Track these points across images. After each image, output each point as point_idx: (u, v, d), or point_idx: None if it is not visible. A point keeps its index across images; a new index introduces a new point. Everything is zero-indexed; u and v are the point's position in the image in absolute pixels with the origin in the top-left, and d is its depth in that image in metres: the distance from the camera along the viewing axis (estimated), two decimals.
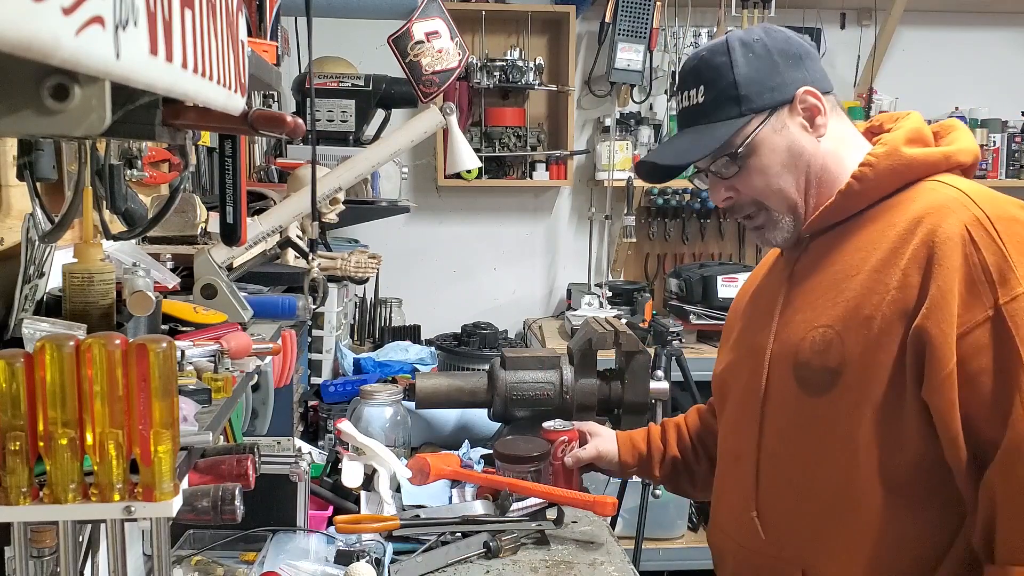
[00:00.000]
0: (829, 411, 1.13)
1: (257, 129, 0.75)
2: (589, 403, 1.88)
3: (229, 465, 1.16)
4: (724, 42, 1.21)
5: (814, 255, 1.22)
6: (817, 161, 1.20)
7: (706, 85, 1.21)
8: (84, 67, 0.39)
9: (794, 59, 1.20)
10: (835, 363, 1.12)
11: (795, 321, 1.20)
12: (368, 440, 1.70)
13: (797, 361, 1.17)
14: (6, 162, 1.06)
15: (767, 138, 1.18)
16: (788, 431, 1.20)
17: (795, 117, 1.19)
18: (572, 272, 3.77)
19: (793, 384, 1.17)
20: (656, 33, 3.39)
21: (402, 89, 2.46)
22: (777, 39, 1.20)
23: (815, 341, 1.15)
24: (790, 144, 1.19)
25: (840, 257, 1.18)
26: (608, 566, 1.44)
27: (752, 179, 1.21)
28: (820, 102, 1.19)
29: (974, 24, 3.77)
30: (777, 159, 1.19)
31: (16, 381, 0.69)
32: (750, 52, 1.18)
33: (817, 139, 1.20)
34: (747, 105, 1.18)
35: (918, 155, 1.16)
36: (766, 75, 1.18)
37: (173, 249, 1.48)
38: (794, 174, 1.20)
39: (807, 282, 1.22)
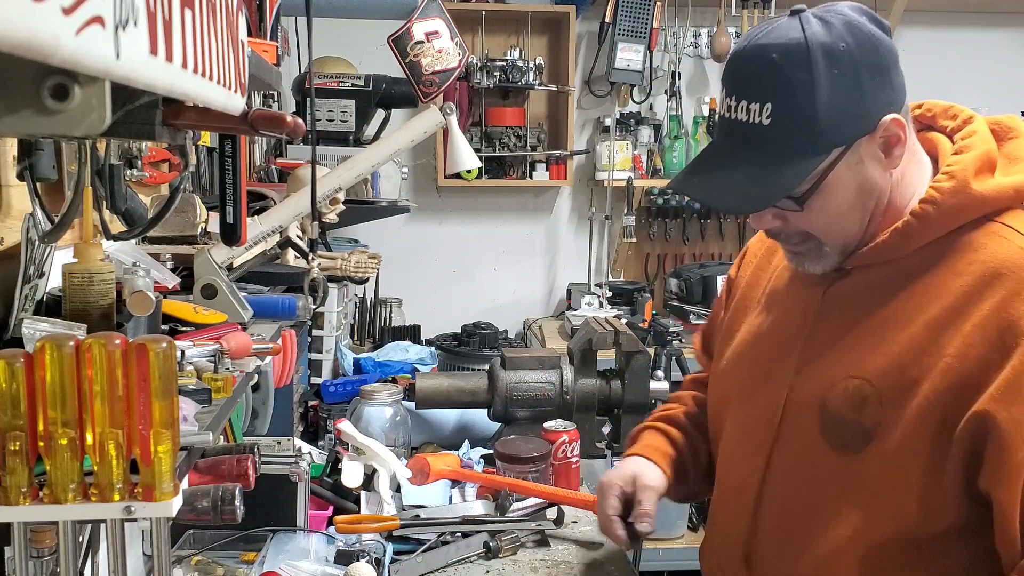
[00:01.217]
0: (856, 471, 1.00)
1: (257, 129, 0.75)
2: (589, 403, 1.89)
3: (229, 465, 1.16)
4: (804, 47, 0.94)
5: (856, 286, 1.06)
6: (885, 196, 1.03)
7: (776, 105, 0.96)
8: (84, 67, 0.39)
9: (882, 74, 0.97)
10: (870, 423, 0.98)
11: (827, 360, 1.05)
12: (368, 440, 1.70)
13: (825, 410, 1.03)
14: (6, 162, 1.06)
15: (839, 177, 0.99)
16: (800, 480, 1.06)
17: (872, 147, 0.99)
18: (572, 272, 3.77)
19: (816, 432, 1.04)
20: (656, 33, 3.39)
21: (402, 89, 2.46)
22: (865, 46, 0.96)
23: (849, 392, 1.00)
24: (862, 182, 1.00)
25: (888, 299, 1.02)
26: (608, 566, 1.45)
27: (812, 217, 1.02)
28: (903, 130, 0.98)
29: (974, 24, 3.77)
30: (845, 199, 1.01)
31: (16, 381, 0.69)
32: (835, 69, 0.94)
33: (890, 172, 1.01)
34: (826, 141, 0.97)
35: (990, 193, 0.99)
36: (853, 102, 0.96)
37: (173, 249, 1.48)
38: (860, 212, 1.02)
39: (845, 317, 1.06)
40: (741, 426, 1.16)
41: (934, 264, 1.00)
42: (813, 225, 1.03)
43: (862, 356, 1.01)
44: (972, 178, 0.99)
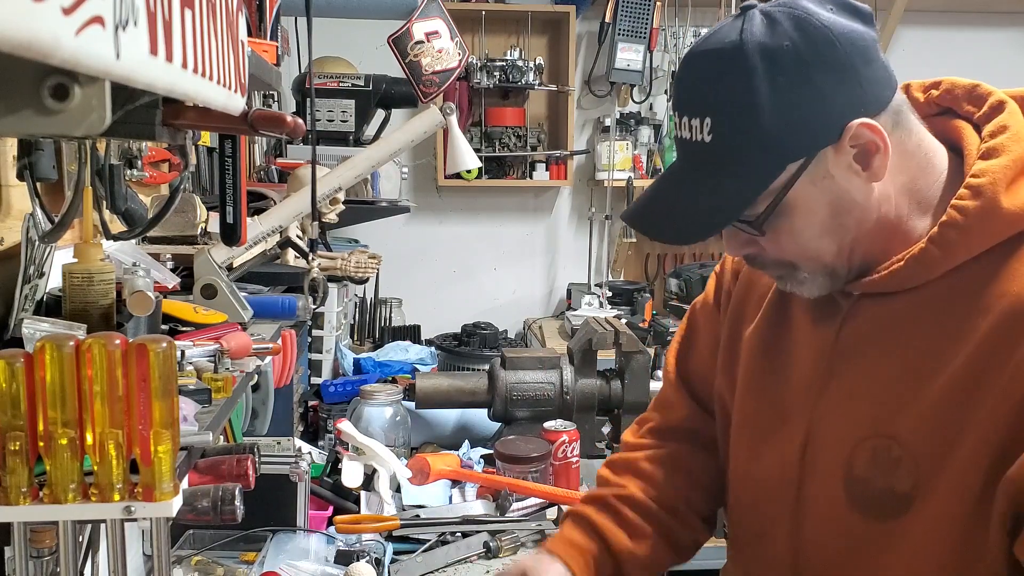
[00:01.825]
0: (893, 538, 0.88)
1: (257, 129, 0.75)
2: (589, 403, 1.89)
3: (229, 465, 1.16)
4: (740, 51, 0.82)
5: (873, 323, 0.92)
6: (871, 213, 0.88)
7: (714, 119, 0.85)
8: (84, 67, 0.39)
9: (843, 72, 0.82)
10: (906, 487, 0.86)
11: (845, 414, 0.92)
12: (368, 440, 1.70)
13: (851, 476, 0.90)
14: (6, 162, 1.06)
15: (802, 196, 0.86)
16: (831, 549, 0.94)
17: (842, 159, 0.85)
18: (572, 272, 3.77)
19: (842, 499, 0.91)
20: (656, 33, 3.39)
21: (402, 89, 2.46)
22: (817, 43, 0.81)
23: (878, 455, 0.88)
24: (835, 199, 0.86)
25: (911, 338, 0.88)
26: None
27: (780, 242, 0.90)
28: (880, 137, 0.83)
29: (974, 24, 3.77)
30: (815, 220, 0.87)
31: (16, 381, 0.69)
32: (778, 73, 0.81)
33: (872, 184, 0.86)
34: (774, 156, 0.84)
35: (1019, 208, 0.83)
36: (803, 108, 0.82)
37: (173, 249, 1.48)
38: (837, 235, 0.88)
39: (864, 360, 0.91)
40: (758, 483, 1.03)
41: (959, 296, 0.85)
42: (784, 251, 0.90)
43: (888, 410, 0.88)
44: (1003, 192, 0.83)
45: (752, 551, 1.05)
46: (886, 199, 0.88)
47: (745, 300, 1.09)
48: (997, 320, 0.82)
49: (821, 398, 0.94)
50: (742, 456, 1.05)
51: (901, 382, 0.87)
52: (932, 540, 0.85)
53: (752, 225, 0.88)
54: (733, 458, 1.07)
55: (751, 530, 1.05)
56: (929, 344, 0.86)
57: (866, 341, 0.92)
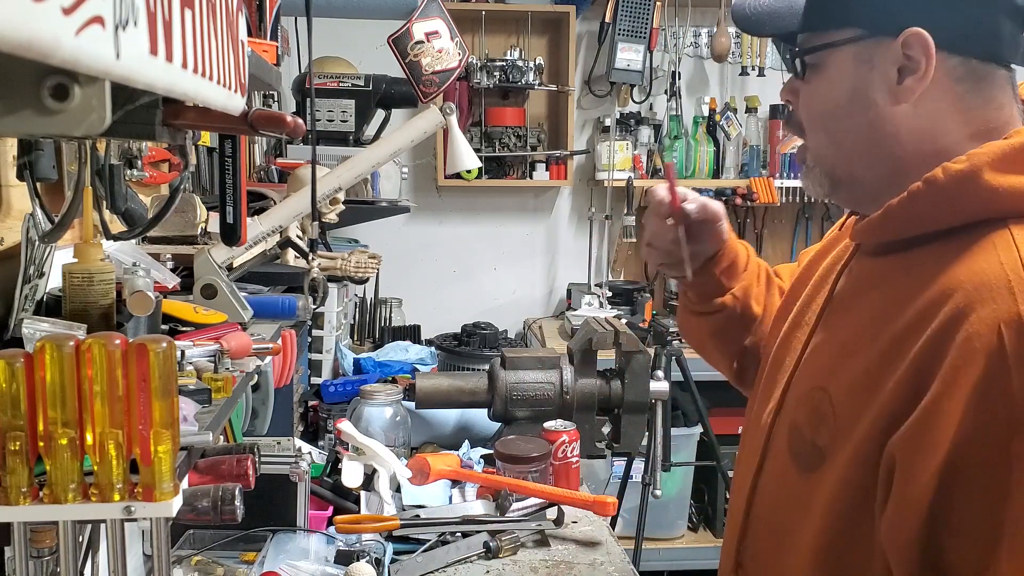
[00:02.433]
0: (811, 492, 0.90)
1: (257, 129, 0.75)
2: (589, 403, 1.89)
3: (229, 465, 1.16)
4: None
5: (856, 281, 0.96)
6: (883, 125, 0.87)
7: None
8: (84, 67, 0.39)
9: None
10: (822, 442, 0.89)
11: (810, 367, 0.97)
12: (368, 440, 1.70)
13: (793, 425, 0.95)
14: (6, 162, 1.06)
15: (841, 62, 0.88)
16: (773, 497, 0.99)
17: (888, 60, 0.85)
18: (572, 272, 3.77)
19: (785, 448, 0.96)
20: (656, 33, 3.39)
21: (402, 89, 2.46)
22: None
23: (813, 408, 0.91)
24: (860, 86, 0.88)
25: (871, 303, 0.90)
26: (608, 566, 1.44)
27: (809, 99, 0.93)
28: (928, 59, 0.83)
29: None
30: (836, 93, 0.90)
31: (16, 381, 0.69)
32: None
33: (896, 103, 0.86)
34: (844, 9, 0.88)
35: (1006, 188, 0.80)
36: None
37: (173, 249, 1.48)
38: (848, 122, 0.90)
39: (839, 318, 0.96)
40: (747, 423, 1.10)
41: (916, 269, 0.85)
42: (806, 110, 0.94)
43: (832, 367, 0.91)
44: (991, 168, 0.81)
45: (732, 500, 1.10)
46: (904, 127, 0.87)
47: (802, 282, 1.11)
48: (928, 298, 0.81)
49: (803, 354, 0.98)
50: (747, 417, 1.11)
51: (849, 344, 0.90)
52: (834, 499, 0.86)
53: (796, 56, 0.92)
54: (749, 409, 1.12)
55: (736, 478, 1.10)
56: (882, 311, 0.87)
57: (848, 299, 0.95)
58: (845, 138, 0.91)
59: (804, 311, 1.04)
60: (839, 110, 0.90)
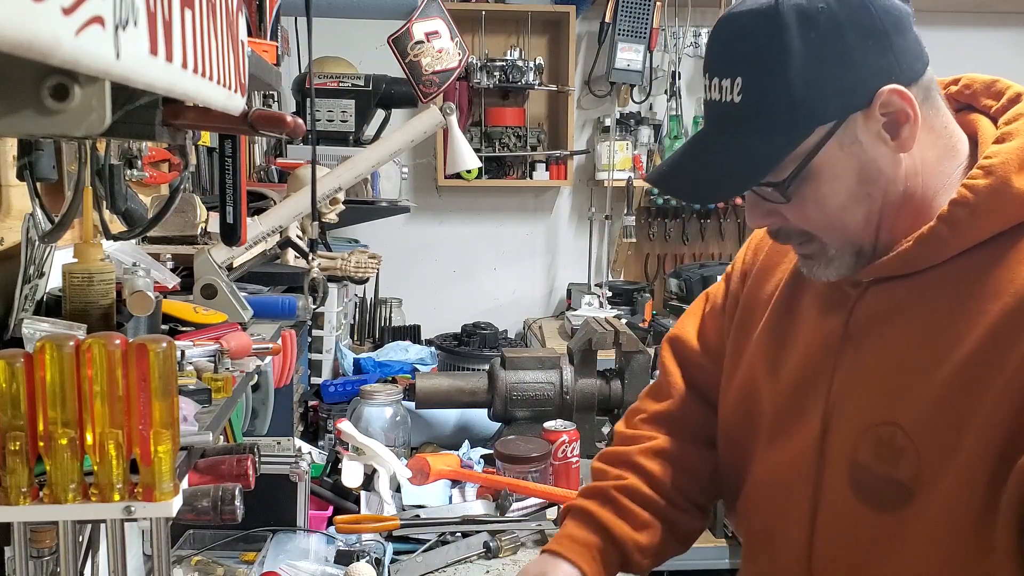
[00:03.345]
0: (894, 533, 0.86)
1: (257, 129, 0.75)
2: (589, 403, 1.89)
3: (229, 465, 1.16)
4: (775, 10, 0.82)
5: (882, 305, 0.90)
6: (898, 184, 0.86)
7: (746, 79, 0.84)
8: (84, 67, 0.39)
9: (877, 37, 0.82)
10: (906, 477, 0.84)
11: (854, 403, 0.90)
12: (368, 440, 1.70)
13: (855, 464, 0.88)
14: (6, 162, 1.06)
15: (830, 161, 0.85)
16: (844, 542, 0.92)
17: (872, 126, 0.84)
18: (572, 272, 3.77)
19: (846, 487, 0.90)
20: (656, 33, 3.39)
21: (402, 89, 2.46)
22: (852, 5, 0.81)
23: (881, 443, 0.86)
24: (862, 166, 0.85)
25: (919, 324, 0.86)
26: None
27: (806, 210, 0.88)
28: (911, 106, 0.83)
29: (974, 24, 3.77)
30: (842, 187, 0.86)
31: (16, 381, 0.69)
32: (812, 32, 0.80)
33: (900, 155, 0.85)
34: (805, 117, 0.83)
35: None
36: (835, 70, 0.81)
37: (173, 249, 1.48)
38: (864, 205, 0.87)
39: (872, 345, 0.90)
40: (775, 472, 1.00)
41: (969, 281, 0.83)
42: (809, 220, 0.89)
43: (892, 396, 0.86)
44: (1015, 173, 0.81)
45: (766, 550, 1.04)
46: (913, 173, 0.87)
47: (753, 305, 1.08)
48: (1006, 306, 0.79)
49: (833, 387, 0.93)
50: (757, 454, 1.04)
51: (906, 368, 0.86)
52: (939, 533, 0.82)
53: (777, 188, 0.87)
54: (746, 457, 1.06)
55: (765, 528, 1.03)
56: (935, 330, 0.84)
57: (875, 327, 0.90)
58: (870, 213, 0.88)
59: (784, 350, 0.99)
60: (853, 197, 0.87)
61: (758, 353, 1.04)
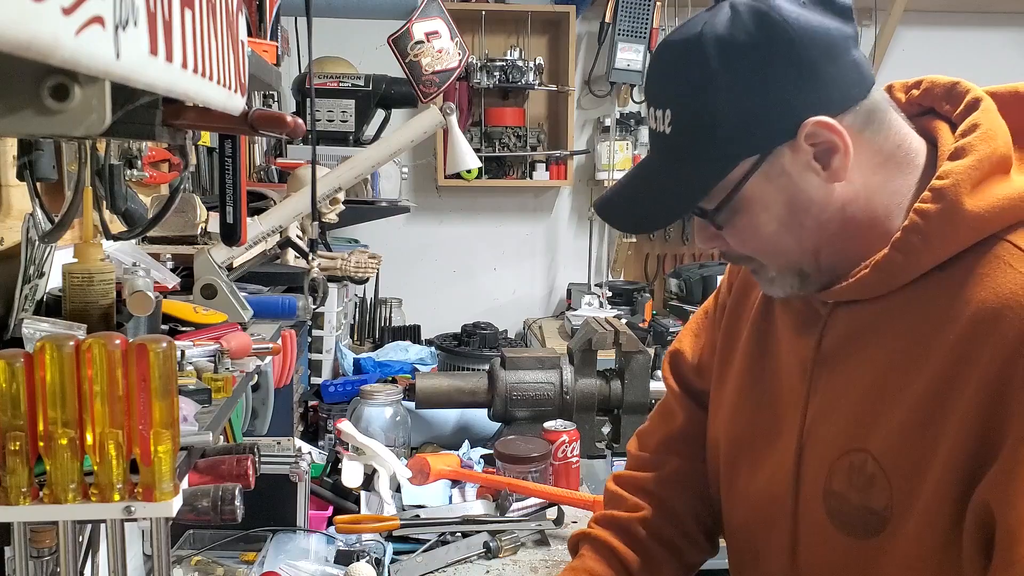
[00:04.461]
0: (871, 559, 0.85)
1: (257, 129, 0.75)
2: (589, 403, 1.89)
3: (229, 465, 1.16)
4: (698, 41, 0.82)
5: (849, 330, 0.89)
6: (833, 214, 0.85)
7: (673, 110, 0.85)
8: (84, 67, 0.39)
9: (803, 68, 0.80)
10: (880, 505, 0.83)
11: (828, 430, 0.90)
12: (368, 440, 1.70)
13: (829, 491, 0.88)
14: (6, 162, 1.06)
15: (758, 192, 0.84)
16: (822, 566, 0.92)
17: (800, 157, 0.83)
18: (572, 272, 3.77)
19: (822, 514, 0.89)
20: (656, 33, 3.39)
21: (402, 89, 2.46)
22: (777, 36, 0.80)
23: (853, 470, 0.86)
24: (791, 197, 0.84)
25: (885, 348, 0.85)
26: None
27: (741, 237, 0.89)
28: (839, 136, 0.81)
29: (974, 24, 3.77)
30: (772, 217, 0.86)
31: (16, 381, 0.69)
32: (734, 63, 0.80)
33: (833, 184, 0.84)
34: (729, 148, 0.83)
35: (989, 210, 0.79)
36: (757, 102, 0.81)
37: (173, 249, 1.48)
38: (797, 234, 0.86)
39: (843, 369, 0.89)
40: (756, 497, 1.00)
41: (929, 305, 0.82)
42: (746, 246, 0.90)
43: (862, 423, 0.86)
44: (967, 194, 0.79)
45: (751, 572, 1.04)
46: (853, 199, 0.85)
47: (738, 314, 1.07)
48: (963, 330, 0.78)
49: (808, 412, 0.93)
50: (737, 475, 1.04)
51: (876, 394, 0.85)
52: (912, 560, 0.82)
53: (707, 218, 0.88)
54: (727, 478, 1.06)
55: (749, 550, 1.03)
56: (900, 355, 0.83)
57: (844, 351, 0.90)
58: (804, 241, 0.87)
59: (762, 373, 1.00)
60: (785, 227, 0.86)
61: (741, 369, 1.04)
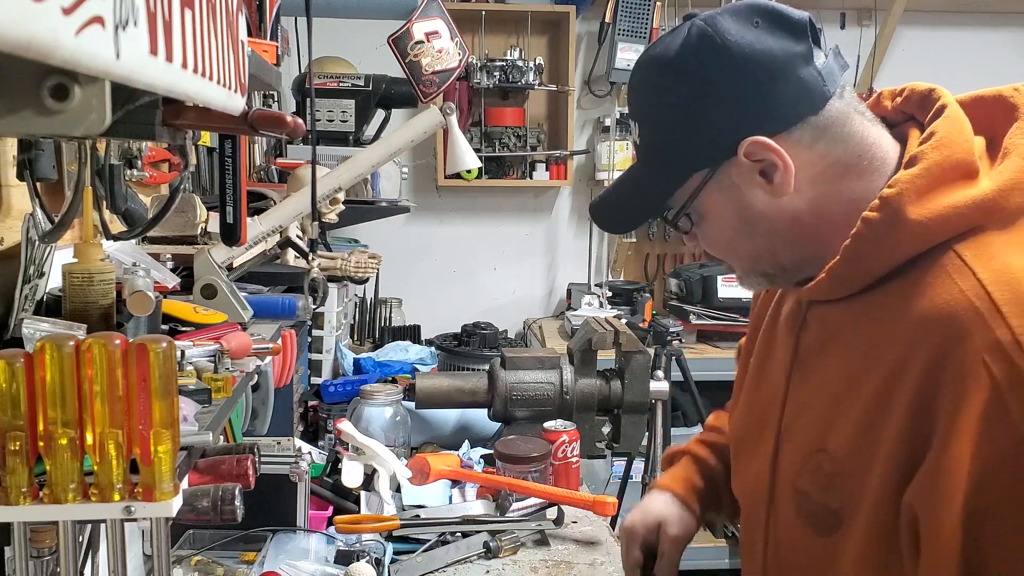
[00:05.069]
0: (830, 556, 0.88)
1: (257, 129, 0.75)
2: (589, 403, 1.89)
3: (229, 465, 1.16)
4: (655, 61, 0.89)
5: (819, 331, 0.93)
6: (782, 222, 0.89)
7: (639, 125, 0.93)
8: (84, 67, 0.39)
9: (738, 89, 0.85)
10: (836, 504, 0.87)
11: (799, 429, 0.94)
12: (368, 440, 1.70)
13: (796, 487, 0.92)
14: (6, 162, 1.06)
15: (711, 203, 0.90)
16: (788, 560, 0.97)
17: (745, 172, 0.87)
18: (572, 272, 3.77)
19: (792, 510, 0.93)
20: (656, 33, 3.39)
21: (402, 89, 2.46)
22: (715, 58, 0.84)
23: (817, 470, 0.89)
24: (741, 208, 0.89)
25: (846, 352, 0.88)
26: (608, 566, 1.44)
27: (705, 242, 0.96)
28: (776, 154, 0.85)
29: (974, 24, 3.77)
30: (727, 225, 0.92)
31: (16, 381, 0.69)
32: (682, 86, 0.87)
33: (779, 197, 0.87)
34: (680, 163, 0.89)
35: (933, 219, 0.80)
36: (700, 121, 0.87)
37: (173, 249, 1.48)
38: (751, 240, 0.92)
39: (813, 369, 0.93)
40: (745, 487, 1.06)
41: (882, 308, 0.84)
42: (712, 250, 0.97)
43: (826, 425, 0.89)
44: (912, 203, 0.80)
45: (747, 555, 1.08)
46: (802, 210, 0.88)
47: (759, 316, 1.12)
48: (905, 337, 0.80)
49: (785, 411, 0.96)
50: (736, 471, 1.10)
51: (838, 396, 0.87)
52: (863, 559, 0.84)
53: (671, 225, 0.94)
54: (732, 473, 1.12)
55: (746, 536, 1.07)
56: (859, 357, 0.86)
57: (817, 350, 0.93)
58: (759, 247, 0.92)
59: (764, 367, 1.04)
60: (739, 234, 0.92)
61: (752, 367, 1.09)
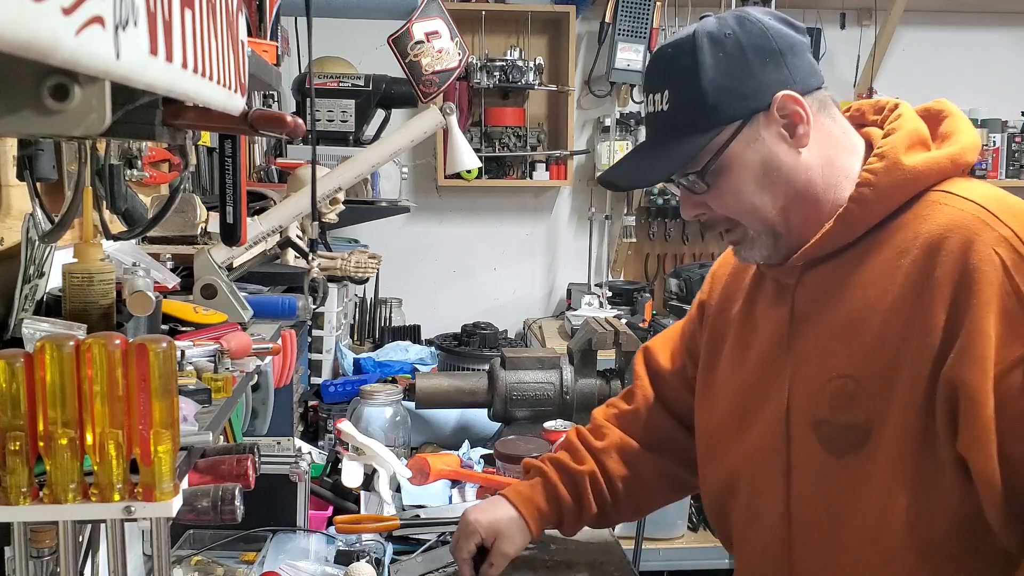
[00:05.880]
0: (859, 473, 1.00)
1: (257, 129, 0.75)
2: (589, 403, 1.88)
3: (229, 465, 1.16)
4: (691, 38, 1.04)
5: (817, 287, 1.07)
6: (798, 175, 1.04)
7: (671, 90, 1.05)
8: (84, 67, 0.39)
9: (773, 56, 1.02)
10: (861, 419, 0.99)
11: (809, 368, 1.06)
12: (368, 440, 1.70)
13: (816, 418, 1.04)
14: (6, 162, 1.06)
15: (739, 154, 1.03)
16: (819, 498, 1.05)
17: (772, 126, 1.03)
18: (572, 272, 3.77)
19: (815, 444, 1.04)
20: (656, 33, 3.39)
21: (402, 89, 2.46)
22: (753, 32, 1.02)
23: (835, 395, 1.02)
24: (765, 159, 1.03)
25: (850, 292, 1.03)
26: (608, 566, 1.44)
27: (723, 198, 1.06)
28: (802, 108, 1.02)
29: (974, 24, 3.77)
30: (750, 176, 1.04)
31: (16, 381, 0.69)
32: (720, 51, 1.02)
33: (798, 151, 1.04)
34: (716, 116, 1.02)
35: (922, 165, 1.01)
36: (738, 79, 1.02)
37: (173, 249, 1.48)
38: (770, 192, 1.05)
39: (815, 320, 1.07)
40: (750, 456, 1.14)
41: (883, 247, 1.02)
42: (727, 207, 1.07)
43: (840, 354, 1.02)
44: (903, 153, 1.01)
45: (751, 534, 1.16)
46: (815, 166, 1.05)
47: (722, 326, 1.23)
48: (916, 257, 0.98)
49: (789, 364, 1.09)
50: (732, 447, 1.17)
51: (847, 329, 1.02)
52: (896, 461, 0.97)
53: (698, 176, 1.05)
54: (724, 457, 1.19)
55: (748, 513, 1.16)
56: (866, 291, 1.02)
57: (815, 306, 1.07)
58: (776, 201, 1.05)
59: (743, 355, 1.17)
60: (761, 186, 1.05)
61: (727, 364, 1.20)
